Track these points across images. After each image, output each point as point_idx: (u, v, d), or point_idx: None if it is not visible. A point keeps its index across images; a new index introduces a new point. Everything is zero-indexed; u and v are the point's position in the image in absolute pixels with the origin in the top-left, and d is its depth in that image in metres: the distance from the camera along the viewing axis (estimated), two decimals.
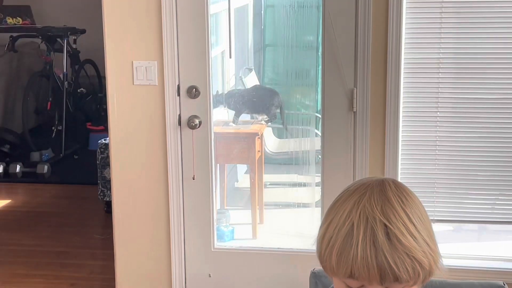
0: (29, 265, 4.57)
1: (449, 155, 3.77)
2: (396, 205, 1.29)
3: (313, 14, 3.81)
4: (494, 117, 3.70)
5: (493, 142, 3.74)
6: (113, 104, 3.89)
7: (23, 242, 4.95)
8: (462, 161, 3.77)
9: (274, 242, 4.22)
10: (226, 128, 4.17)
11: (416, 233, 1.27)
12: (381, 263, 1.24)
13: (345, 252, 1.27)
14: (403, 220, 1.28)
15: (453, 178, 3.80)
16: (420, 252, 1.26)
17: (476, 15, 3.64)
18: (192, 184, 3.93)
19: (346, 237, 1.27)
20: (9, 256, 4.71)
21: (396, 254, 1.24)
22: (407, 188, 1.37)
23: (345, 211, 1.31)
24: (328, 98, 3.80)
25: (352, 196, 1.33)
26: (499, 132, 3.72)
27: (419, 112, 3.79)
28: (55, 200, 5.87)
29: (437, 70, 3.71)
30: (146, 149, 3.92)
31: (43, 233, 5.11)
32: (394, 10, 3.61)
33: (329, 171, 3.87)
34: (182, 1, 3.74)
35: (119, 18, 3.79)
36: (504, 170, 3.73)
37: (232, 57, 4.11)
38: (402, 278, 1.25)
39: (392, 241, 1.25)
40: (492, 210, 3.81)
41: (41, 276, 4.41)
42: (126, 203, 4.00)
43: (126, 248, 4.04)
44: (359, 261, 1.25)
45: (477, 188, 3.79)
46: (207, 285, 4.03)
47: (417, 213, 1.31)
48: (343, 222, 1.30)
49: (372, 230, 1.26)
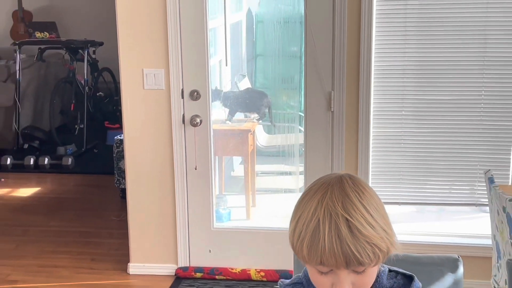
0: (56, 243, 4.55)
1: (412, 147, 3.77)
2: (355, 199, 1.29)
3: (297, 28, 3.79)
4: (450, 115, 3.70)
5: (449, 136, 3.72)
6: (126, 106, 3.90)
7: (51, 224, 4.93)
8: (424, 152, 3.76)
9: (265, 223, 4.19)
10: (223, 126, 4.13)
11: (374, 222, 1.28)
12: (346, 252, 1.25)
13: (314, 245, 1.27)
14: (362, 212, 1.28)
15: (416, 166, 3.79)
16: (379, 238, 1.27)
17: (434, 29, 3.62)
18: (194, 173, 3.93)
19: (314, 231, 1.27)
20: (39, 236, 4.69)
21: (358, 243, 1.25)
22: (362, 181, 1.37)
23: (311, 208, 1.31)
24: (309, 100, 3.80)
25: (316, 194, 1.32)
26: (454, 128, 3.71)
27: (387, 111, 3.77)
28: (78, 188, 5.84)
29: (402, 75, 3.71)
30: (155, 144, 3.93)
31: (68, 216, 5.07)
32: (365, 25, 3.60)
33: (310, 161, 3.86)
34: (185, 18, 3.72)
35: (131, 32, 3.79)
36: (459, 160, 3.72)
37: (228, 65, 4.08)
38: (364, 262, 1.27)
39: (353, 232, 1.25)
40: (449, 194, 3.81)
41: (66, 253, 4.40)
42: (138, 190, 4.01)
43: (138, 228, 4.05)
44: (327, 252, 1.26)
45: (436, 175, 3.79)
46: (207, 260, 4.02)
47: (373, 203, 1.32)
48: (310, 218, 1.29)
49: (336, 224, 1.26)
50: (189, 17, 3.75)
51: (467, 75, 3.68)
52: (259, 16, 4.12)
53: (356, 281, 1.33)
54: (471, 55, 3.65)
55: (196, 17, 3.76)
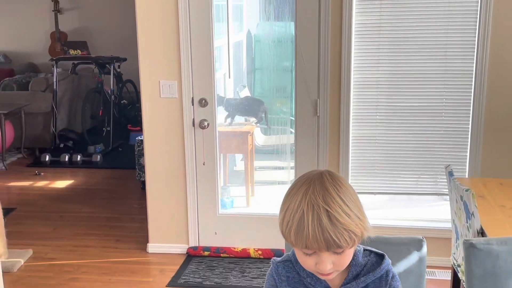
0: (87, 227, 4.57)
1: (385, 146, 3.77)
2: (333, 193, 1.30)
3: (288, 47, 3.78)
4: (417, 119, 3.70)
5: (416, 137, 3.72)
6: (146, 111, 3.90)
7: (83, 210, 4.95)
8: (394, 150, 3.76)
9: (262, 209, 4.16)
10: (226, 128, 4.12)
11: (350, 211, 1.29)
12: (326, 237, 1.27)
13: (299, 232, 1.29)
14: (339, 204, 1.29)
15: (388, 162, 3.79)
16: (354, 225, 1.29)
17: (403, 47, 3.62)
18: (202, 168, 3.93)
19: (299, 221, 1.28)
20: (72, 220, 4.71)
21: (337, 230, 1.27)
22: (340, 177, 1.37)
23: (297, 201, 1.31)
24: (299, 106, 3.79)
25: (301, 189, 1.33)
26: (420, 129, 3.71)
27: (363, 116, 3.77)
28: (105, 180, 5.83)
29: (376, 86, 3.71)
30: (169, 143, 3.92)
31: (97, 204, 5.08)
32: (345, 44, 3.61)
33: (300, 158, 3.86)
34: (195, 38, 3.72)
35: (150, 50, 3.79)
36: (424, 157, 3.72)
37: (231, 77, 4.07)
38: (342, 245, 1.28)
39: (332, 221, 1.27)
40: (416, 185, 3.81)
41: (95, 235, 4.42)
42: (156, 182, 4.00)
43: (156, 214, 4.05)
44: (311, 237, 1.27)
45: (405, 169, 3.79)
46: (213, 240, 4.03)
47: (349, 196, 1.32)
48: (296, 209, 1.30)
49: (318, 215, 1.27)
50: (198, 38, 3.75)
51: (431, 85, 3.67)
52: (257, 37, 4.11)
53: (336, 260, 1.33)
54: (434, 69, 3.65)
55: (204, 37, 3.75)
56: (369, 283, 1.43)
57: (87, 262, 3.97)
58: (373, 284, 1.43)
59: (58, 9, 7.78)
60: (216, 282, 3.65)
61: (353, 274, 1.43)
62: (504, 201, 2.74)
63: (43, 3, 7.71)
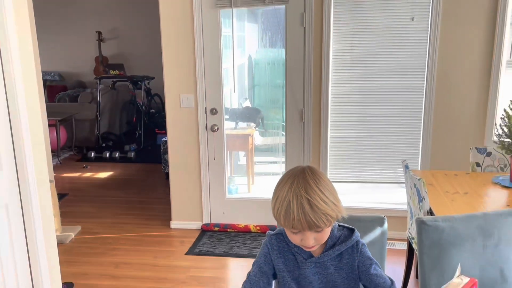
0: (123, 208, 4.59)
1: (356, 145, 3.77)
2: (313, 185, 1.31)
3: (281, 68, 3.76)
4: (380, 124, 3.70)
5: (380, 138, 3.72)
6: (169, 118, 3.91)
7: (120, 195, 4.96)
8: (363, 148, 3.76)
9: (260, 194, 4.16)
10: (232, 131, 4.11)
11: (326, 199, 1.31)
12: (308, 221, 1.29)
13: (287, 217, 1.30)
14: (318, 194, 1.30)
15: (358, 157, 3.79)
16: (330, 210, 1.31)
17: (369, 68, 3.62)
18: (213, 162, 3.94)
19: (286, 208, 1.30)
20: (112, 203, 4.72)
21: (317, 215, 1.29)
22: (319, 171, 1.37)
23: (284, 192, 1.32)
24: (288, 114, 3.79)
25: (287, 182, 1.33)
26: (383, 132, 3.71)
27: (339, 121, 3.76)
28: (138, 172, 5.84)
29: (348, 98, 3.71)
30: (187, 143, 3.93)
31: (131, 190, 5.10)
32: (325, 65, 3.61)
33: (289, 155, 3.86)
34: (207, 62, 3.73)
35: (172, 70, 3.79)
36: (386, 153, 3.72)
37: (236, 91, 4.06)
38: (321, 226, 1.31)
39: (313, 208, 1.29)
40: (380, 175, 3.81)
41: (130, 214, 4.43)
42: (177, 173, 4.01)
43: (177, 198, 4.06)
44: (296, 221, 1.30)
45: (371, 163, 3.79)
46: (222, 218, 4.04)
47: (325, 186, 1.33)
48: (283, 199, 1.31)
49: (301, 203, 1.29)
50: (209, 61, 3.76)
51: (391, 97, 3.67)
52: (256, 60, 4.11)
53: (317, 236, 1.35)
54: (393, 84, 3.65)
55: (214, 61, 3.76)
56: (343, 251, 1.44)
57: (124, 235, 3.99)
58: (346, 252, 1.44)
59: (101, 39, 7.78)
60: (224, 251, 3.65)
61: (330, 245, 1.44)
62: (448, 188, 2.75)
63: (90, 34, 7.72)
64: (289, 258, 1.46)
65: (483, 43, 3.45)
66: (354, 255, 1.44)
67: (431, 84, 3.56)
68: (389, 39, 3.56)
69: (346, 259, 1.44)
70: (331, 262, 1.44)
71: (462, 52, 3.49)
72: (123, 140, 6.81)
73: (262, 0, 3.60)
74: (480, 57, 3.48)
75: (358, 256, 1.43)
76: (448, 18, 3.45)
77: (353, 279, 1.45)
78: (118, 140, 6.81)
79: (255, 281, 1.46)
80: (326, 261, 1.43)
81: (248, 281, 1.47)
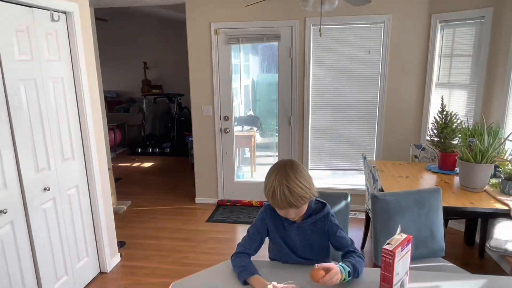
0: (161, 189, 4.56)
1: (329, 142, 3.72)
2: (292, 176, 1.28)
3: (275, 87, 3.75)
4: (348, 126, 3.66)
5: (347, 137, 3.68)
6: (194, 123, 3.87)
7: (159, 180, 4.93)
8: (334, 145, 3.72)
9: (260, 179, 4.10)
10: (240, 133, 4.08)
11: (302, 185, 1.28)
12: (289, 202, 1.28)
13: (273, 200, 1.31)
14: (296, 182, 1.27)
15: (330, 152, 3.74)
16: (305, 193, 1.30)
17: (339, 85, 3.58)
18: (226, 155, 3.92)
19: (272, 193, 1.30)
20: (153, 185, 4.71)
21: (294, 198, 1.28)
22: (297, 164, 1.33)
23: (270, 180, 1.30)
24: (280, 121, 3.76)
25: (273, 173, 1.31)
26: (349, 132, 3.67)
27: (317, 126, 3.72)
28: (171, 163, 5.80)
29: (324, 108, 3.66)
30: (207, 141, 3.89)
31: (166, 176, 5.08)
32: (306, 85, 3.57)
33: (281, 150, 3.82)
34: (221, 83, 3.70)
35: (197, 89, 3.76)
36: (351, 148, 3.68)
37: (242, 104, 4.06)
38: (298, 205, 1.30)
39: (291, 193, 1.27)
40: (347, 164, 3.76)
41: (166, 193, 4.41)
42: (200, 164, 3.97)
43: (199, 182, 4.02)
44: (279, 203, 1.29)
45: (341, 155, 3.74)
46: (232, 196, 4.00)
47: (302, 176, 1.29)
48: (270, 186, 1.30)
49: (282, 190, 1.28)
50: (223, 82, 3.73)
51: (354, 107, 3.64)
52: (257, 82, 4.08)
53: (296, 211, 1.34)
54: (356, 97, 3.61)
55: (226, 82, 3.74)
56: (317, 220, 1.43)
57: (161, 208, 3.97)
58: (320, 220, 1.43)
59: (147, 67, 7.75)
60: (233, 219, 3.64)
61: (308, 214, 1.43)
62: (394, 173, 2.74)
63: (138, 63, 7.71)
64: (278, 223, 1.46)
65: (419, 69, 3.44)
66: (325, 222, 1.42)
67: (382, 99, 3.54)
68: (352, 66, 3.54)
69: (319, 225, 1.43)
70: (308, 227, 1.43)
71: (405, 76, 3.48)
72: (161, 140, 6.80)
73: (260, 39, 3.60)
74: (417, 80, 3.47)
75: (328, 223, 1.42)
76: (394, 51, 3.44)
77: (324, 239, 1.45)
78: (157, 140, 6.80)
79: (253, 238, 1.46)
80: (305, 226, 1.43)
81: (248, 237, 1.47)
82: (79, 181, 2.51)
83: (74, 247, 2.46)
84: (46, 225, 2.20)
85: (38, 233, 2.13)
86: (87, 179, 2.59)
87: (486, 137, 2.29)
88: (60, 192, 2.32)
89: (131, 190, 4.54)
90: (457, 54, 3.19)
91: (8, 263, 1.95)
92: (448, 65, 3.28)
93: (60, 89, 2.31)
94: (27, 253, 2.07)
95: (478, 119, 2.88)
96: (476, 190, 2.32)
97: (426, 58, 3.40)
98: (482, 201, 2.16)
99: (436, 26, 3.30)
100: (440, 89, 3.36)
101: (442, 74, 3.35)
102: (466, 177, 2.34)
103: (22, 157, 2.01)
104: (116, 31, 7.34)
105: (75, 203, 2.47)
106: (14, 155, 1.97)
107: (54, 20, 2.23)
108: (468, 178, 2.32)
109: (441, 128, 2.71)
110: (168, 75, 7.74)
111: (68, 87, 2.38)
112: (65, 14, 2.34)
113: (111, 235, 2.84)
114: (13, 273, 1.98)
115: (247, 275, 1.31)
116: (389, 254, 1.14)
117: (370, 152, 3.69)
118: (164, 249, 3.08)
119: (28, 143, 2.05)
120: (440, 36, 3.31)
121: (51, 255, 2.25)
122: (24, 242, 2.05)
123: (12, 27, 1.95)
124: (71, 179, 2.43)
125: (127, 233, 3.38)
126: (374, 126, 3.65)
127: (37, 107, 2.11)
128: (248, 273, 1.32)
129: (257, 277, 1.31)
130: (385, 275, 1.16)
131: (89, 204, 2.62)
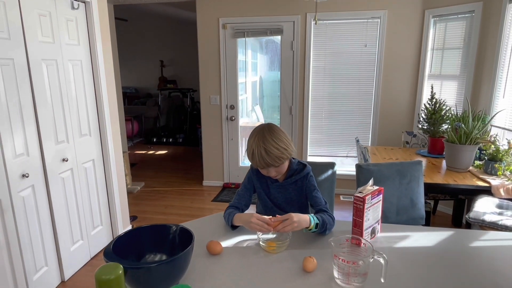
0: (174, 172, 4.61)
1: (326, 130, 3.70)
2: (268, 138, 1.27)
3: (277, 83, 3.78)
4: (344, 115, 3.65)
5: (343, 125, 3.67)
6: (203, 111, 3.90)
7: (172, 165, 4.98)
8: (332, 132, 3.71)
9: None
10: (246, 124, 4.13)
11: (278, 146, 1.27)
12: (266, 162, 1.29)
13: (253, 160, 1.31)
14: (272, 143, 1.27)
15: (328, 139, 3.74)
16: (281, 154, 1.29)
17: (337, 78, 3.58)
18: (231, 142, 3.94)
19: (252, 154, 1.30)
20: (166, 169, 4.76)
21: (271, 158, 1.28)
22: (275, 126, 1.31)
23: (250, 143, 1.30)
24: (282, 111, 3.77)
25: (252, 136, 1.31)
26: (346, 121, 3.66)
27: (316, 115, 3.72)
28: (183, 151, 5.83)
29: (322, 99, 3.66)
30: (214, 130, 3.92)
31: (179, 162, 5.13)
32: (307, 77, 3.57)
33: None
34: (229, 76, 3.72)
35: (206, 83, 3.79)
36: (346, 134, 3.66)
37: (249, 99, 4.10)
38: (276, 164, 1.30)
39: (268, 153, 1.28)
40: (342, 149, 3.74)
41: (177, 176, 4.46)
42: (207, 150, 4.00)
43: (207, 166, 4.04)
44: (258, 163, 1.30)
45: (339, 142, 3.73)
46: (236, 179, 4.03)
47: (278, 137, 1.28)
48: (250, 148, 1.30)
49: (260, 151, 1.26)
50: (229, 74, 3.76)
51: (351, 98, 3.63)
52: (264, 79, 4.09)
53: (277, 169, 1.34)
54: (353, 89, 3.61)
55: (233, 73, 3.76)
56: (298, 179, 1.44)
57: (172, 189, 4.03)
58: (300, 180, 1.44)
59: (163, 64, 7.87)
60: None
61: (289, 174, 1.44)
62: (385, 156, 2.74)
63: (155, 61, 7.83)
64: (263, 181, 1.47)
65: (413, 62, 3.43)
66: (304, 182, 1.43)
67: (377, 90, 3.54)
68: (349, 58, 3.55)
69: (299, 185, 1.44)
70: (289, 185, 1.44)
71: (399, 68, 3.47)
72: (175, 131, 6.87)
73: (264, 32, 3.64)
74: (410, 71, 3.46)
75: (306, 183, 1.42)
76: (389, 45, 3.43)
77: (303, 197, 1.46)
78: (171, 131, 6.89)
79: (242, 194, 1.49)
80: (286, 185, 1.44)
81: (237, 195, 1.49)
82: (95, 156, 2.59)
83: (89, 215, 2.55)
84: (64, 192, 2.29)
85: (56, 198, 2.23)
86: (103, 156, 2.68)
87: (471, 120, 2.29)
88: (77, 164, 2.41)
89: (145, 173, 4.61)
90: (448, 47, 3.18)
91: (30, 223, 2.04)
92: (440, 58, 3.27)
93: (78, 71, 2.40)
94: (47, 216, 2.16)
95: (467, 108, 2.87)
96: (460, 170, 2.32)
97: (419, 51, 3.39)
98: (465, 180, 2.16)
99: (429, 21, 3.29)
100: (432, 80, 3.35)
101: (434, 66, 3.33)
102: (452, 158, 2.34)
103: (43, 129, 2.10)
104: (135, 32, 7.48)
105: (91, 176, 2.56)
106: (36, 127, 2.06)
107: (74, 8, 2.32)
108: (454, 159, 2.33)
109: (430, 114, 2.71)
110: (182, 71, 7.83)
111: (86, 70, 2.47)
112: (85, 4, 2.43)
113: (124, 208, 2.92)
114: (33, 231, 2.07)
115: (231, 219, 1.34)
116: (359, 200, 1.18)
117: (365, 139, 3.69)
118: (172, 222, 3.14)
119: (49, 117, 2.14)
120: (433, 30, 3.30)
121: (68, 220, 2.34)
122: (44, 205, 2.14)
123: (36, 11, 2.04)
124: (88, 154, 2.51)
125: (139, 209, 3.45)
126: (370, 115, 3.64)
127: (57, 85, 2.20)
128: (231, 217, 1.34)
129: (238, 215, 1.32)
130: (356, 220, 1.19)
131: (104, 179, 2.70)
